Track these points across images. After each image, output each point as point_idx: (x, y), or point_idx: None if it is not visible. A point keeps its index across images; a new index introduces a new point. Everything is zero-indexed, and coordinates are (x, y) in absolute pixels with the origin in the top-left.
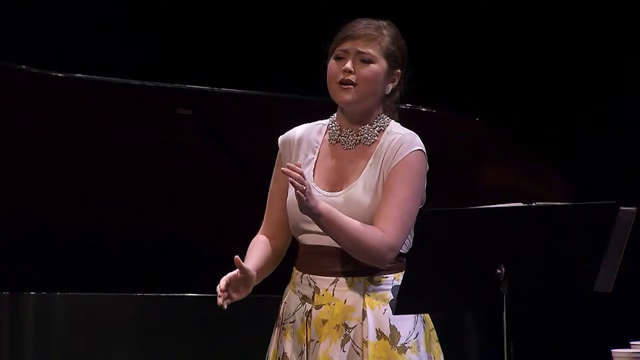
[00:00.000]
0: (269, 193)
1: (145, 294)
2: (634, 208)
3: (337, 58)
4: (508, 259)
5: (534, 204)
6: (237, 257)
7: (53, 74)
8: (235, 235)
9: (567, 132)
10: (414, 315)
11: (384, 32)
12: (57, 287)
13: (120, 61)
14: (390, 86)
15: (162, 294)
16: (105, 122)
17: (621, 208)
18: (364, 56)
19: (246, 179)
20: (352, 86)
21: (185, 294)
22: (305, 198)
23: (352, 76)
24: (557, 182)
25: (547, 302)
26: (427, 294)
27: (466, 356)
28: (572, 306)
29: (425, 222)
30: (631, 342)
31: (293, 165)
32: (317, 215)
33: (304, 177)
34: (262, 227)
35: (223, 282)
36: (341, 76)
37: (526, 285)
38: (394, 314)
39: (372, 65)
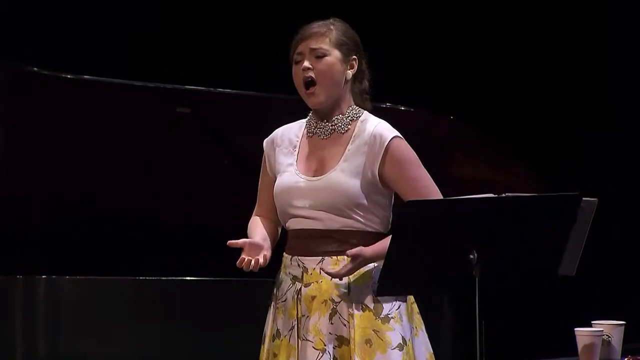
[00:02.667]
0: (259, 184)
1: (147, 278)
2: (595, 199)
3: (296, 62)
4: (480, 245)
5: (504, 195)
6: (229, 242)
7: (62, 75)
8: (230, 223)
9: (535, 128)
10: None
11: (332, 27)
12: (65, 271)
13: (124, 64)
14: (350, 72)
15: (163, 278)
16: (111, 119)
17: (584, 199)
18: (317, 52)
19: (239, 172)
20: (314, 86)
21: (185, 278)
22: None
23: (312, 72)
24: (526, 174)
25: (516, 284)
26: (406, 277)
27: (441, 334)
28: (538, 288)
29: (405, 211)
30: (592, 322)
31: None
32: (373, 258)
33: None
34: (255, 211)
35: (240, 242)
36: (303, 75)
37: (497, 269)
38: (376, 296)
39: (326, 58)
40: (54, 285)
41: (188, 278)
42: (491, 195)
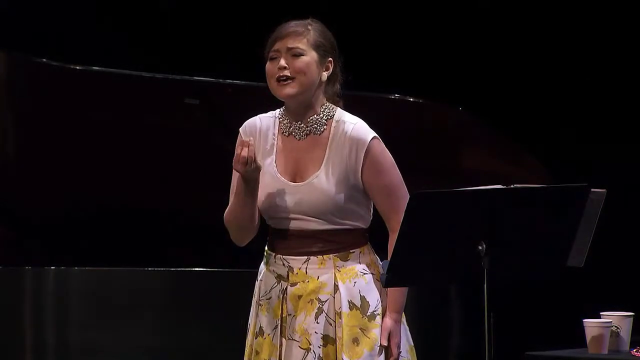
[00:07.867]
0: (232, 177)
1: (156, 269)
2: (603, 190)
3: (272, 59)
4: (489, 237)
5: (512, 186)
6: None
7: (71, 66)
8: None
9: (544, 120)
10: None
11: (310, 27)
12: (74, 262)
13: (133, 56)
14: (326, 74)
15: (172, 269)
16: (119, 111)
17: (592, 190)
18: (294, 51)
19: None
20: (290, 80)
21: (194, 269)
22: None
23: (287, 71)
24: (534, 165)
25: (525, 276)
26: (414, 268)
27: (450, 326)
28: (546, 279)
29: (413, 203)
30: (601, 313)
31: None
32: (398, 320)
33: None
34: (231, 203)
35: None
36: (278, 74)
37: (505, 261)
38: (384, 287)
39: (303, 57)
40: (63, 277)
41: (197, 269)
42: (499, 186)
